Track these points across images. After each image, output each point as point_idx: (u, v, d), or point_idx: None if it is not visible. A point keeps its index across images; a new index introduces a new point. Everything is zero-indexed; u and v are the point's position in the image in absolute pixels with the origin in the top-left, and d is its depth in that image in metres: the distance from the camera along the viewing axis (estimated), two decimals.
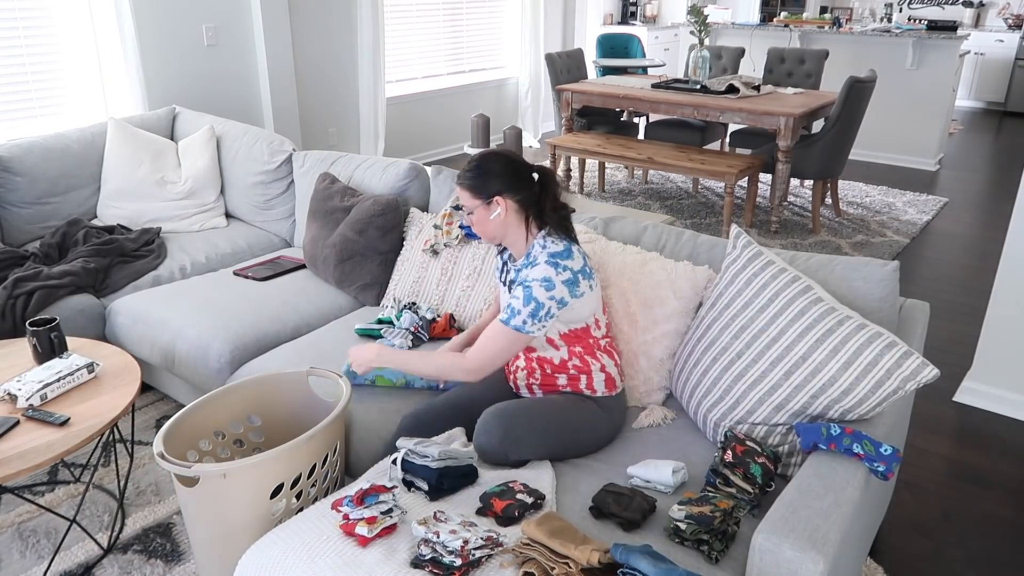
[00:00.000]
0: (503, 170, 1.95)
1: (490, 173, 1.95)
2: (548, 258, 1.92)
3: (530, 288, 1.89)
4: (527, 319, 1.89)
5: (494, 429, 1.89)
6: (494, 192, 1.95)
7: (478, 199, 1.95)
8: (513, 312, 1.90)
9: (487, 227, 1.99)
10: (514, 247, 2.03)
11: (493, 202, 1.95)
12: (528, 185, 1.97)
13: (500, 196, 1.94)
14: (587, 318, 2.00)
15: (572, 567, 1.45)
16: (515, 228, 1.99)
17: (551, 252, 1.93)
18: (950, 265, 4.62)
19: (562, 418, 1.96)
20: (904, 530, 2.43)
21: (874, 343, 1.78)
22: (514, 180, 1.96)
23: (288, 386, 2.21)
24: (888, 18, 8.04)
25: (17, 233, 3.31)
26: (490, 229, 1.99)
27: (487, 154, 1.98)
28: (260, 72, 5.04)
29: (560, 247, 1.94)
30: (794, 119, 4.70)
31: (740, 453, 1.79)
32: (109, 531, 2.36)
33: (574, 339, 2.01)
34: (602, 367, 2.04)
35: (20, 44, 3.95)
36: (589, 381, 2.04)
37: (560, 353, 2.02)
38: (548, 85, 7.76)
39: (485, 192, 1.95)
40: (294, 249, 3.48)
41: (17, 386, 2.12)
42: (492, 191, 1.95)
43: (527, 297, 1.89)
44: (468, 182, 1.96)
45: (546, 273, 1.89)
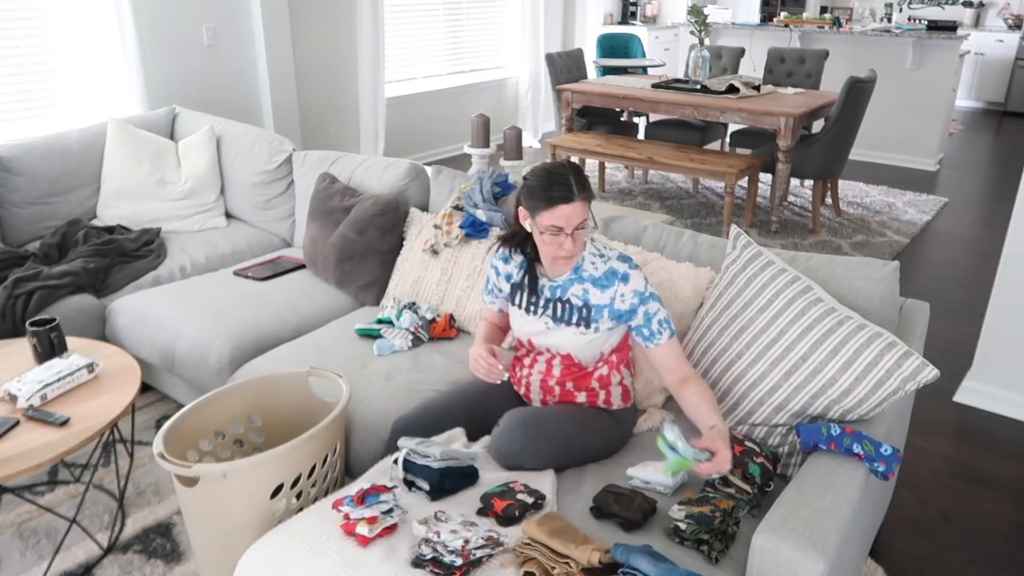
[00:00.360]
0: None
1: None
2: (626, 264, 1.91)
3: (654, 295, 1.90)
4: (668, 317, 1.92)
5: (518, 436, 1.86)
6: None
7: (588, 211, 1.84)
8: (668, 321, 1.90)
9: (582, 239, 1.87)
10: (569, 262, 1.89)
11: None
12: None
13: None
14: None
15: (573, 567, 1.45)
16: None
17: (619, 257, 1.93)
18: (950, 265, 4.62)
19: (581, 432, 1.94)
20: (904, 530, 2.43)
21: (874, 343, 1.78)
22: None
23: (288, 386, 2.21)
24: (888, 18, 8.04)
25: (17, 233, 3.31)
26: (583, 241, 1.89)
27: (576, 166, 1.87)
28: (260, 72, 5.04)
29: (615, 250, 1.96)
30: (794, 119, 4.70)
31: (739, 453, 1.79)
32: (109, 531, 2.36)
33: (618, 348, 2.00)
34: (621, 380, 2.04)
35: (20, 44, 3.95)
36: (608, 396, 2.02)
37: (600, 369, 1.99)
38: (548, 85, 7.76)
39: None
40: (294, 249, 3.48)
41: (17, 386, 2.12)
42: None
43: (658, 300, 1.90)
44: (588, 192, 1.82)
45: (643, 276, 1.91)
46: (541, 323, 1.97)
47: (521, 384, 2.10)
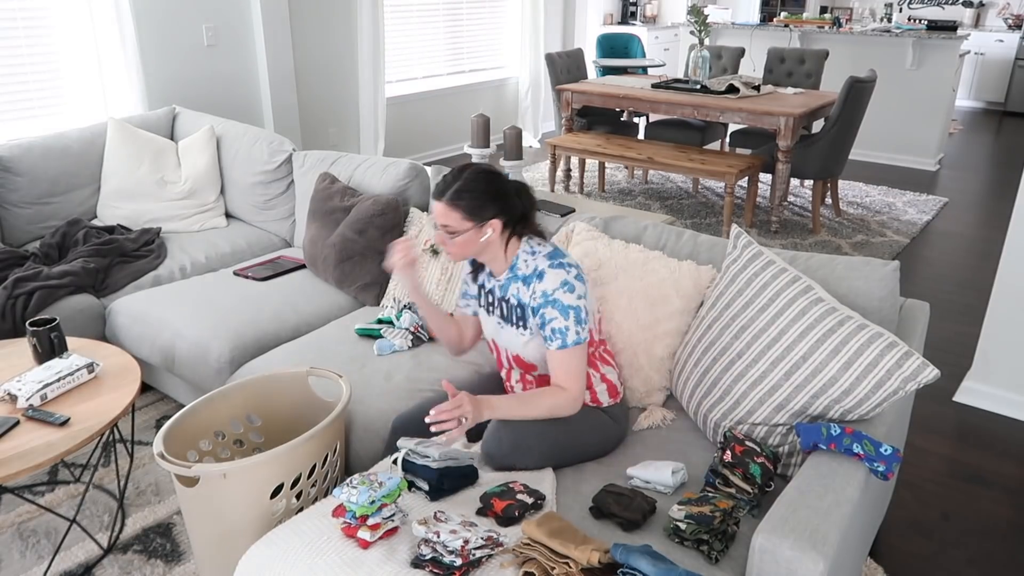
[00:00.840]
0: (498, 191, 1.86)
1: (486, 196, 1.84)
2: (550, 261, 1.88)
3: (558, 300, 1.84)
4: (577, 329, 1.84)
5: (505, 437, 1.86)
6: (490, 215, 1.85)
7: (471, 221, 1.84)
8: (563, 332, 1.84)
9: (469, 248, 1.88)
10: (493, 263, 1.95)
11: (485, 225, 1.86)
12: (514, 203, 1.90)
13: (495, 219, 1.86)
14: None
15: (572, 567, 1.45)
16: (496, 246, 1.91)
17: (546, 254, 1.89)
18: (950, 265, 4.62)
19: (571, 428, 1.93)
20: (904, 530, 2.43)
21: (875, 343, 1.78)
22: (507, 201, 1.88)
23: (288, 386, 2.21)
24: (888, 18, 8.04)
25: (17, 233, 3.31)
26: (471, 250, 1.89)
27: (479, 172, 1.86)
28: (260, 72, 5.04)
29: (549, 248, 1.92)
30: (794, 119, 4.70)
31: (739, 453, 1.79)
32: (109, 531, 2.36)
33: None
34: (602, 376, 2.03)
35: (20, 44, 3.95)
36: (593, 395, 2.02)
37: None
38: (548, 85, 7.76)
39: (480, 215, 1.84)
40: (294, 249, 3.48)
41: (17, 386, 2.12)
42: (488, 214, 1.85)
43: (563, 310, 1.83)
44: (463, 203, 1.83)
45: (561, 277, 1.85)
46: (494, 322, 2.02)
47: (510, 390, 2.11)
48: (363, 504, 1.58)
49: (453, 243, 1.87)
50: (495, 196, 1.86)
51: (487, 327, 2.06)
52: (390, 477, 1.66)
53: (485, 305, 2.04)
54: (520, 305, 1.92)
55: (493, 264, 1.95)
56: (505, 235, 1.91)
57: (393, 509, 1.63)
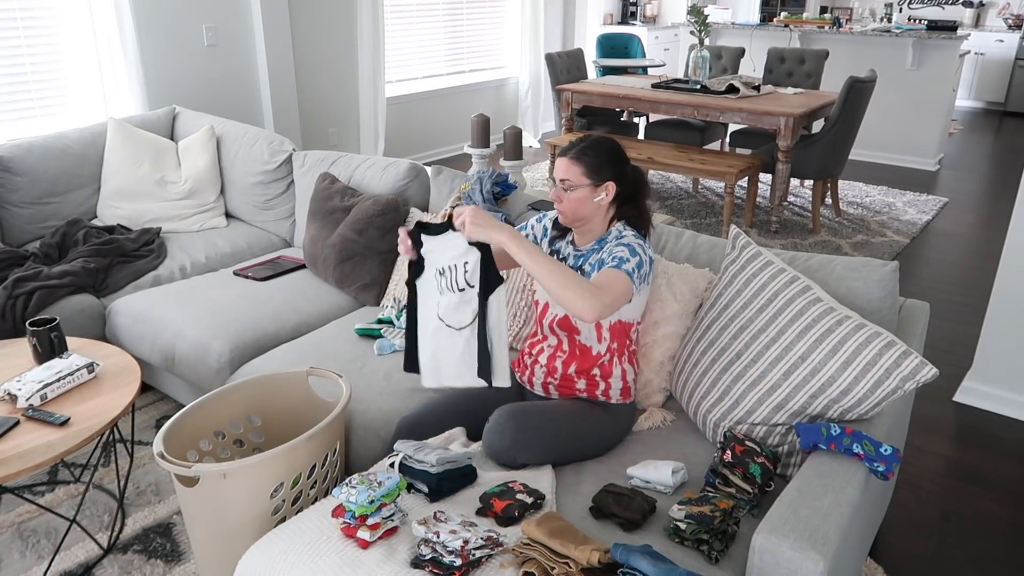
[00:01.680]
0: (618, 158, 1.98)
1: (608, 157, 1.96)
2: (635, 237, 1.95)
3: (631, 245, 1.91)
4: (634, 268, 1.88)
5: (507, 430, 1.87)
6: (607, 177, 1.96)
7: (589, 179, 1.94)
8: (623, 259, 1.88)
9: (583, 207, 1.96)
10: (589, 233, 2.03)
11: (603, 186, 1.96)
12: (629, 179, 2.00)
13: (611, 182, 1.96)
14: (635, 315, 2.03)
15: (572, 567, 1.45)
16: (602, 215, 2.00)
17: (635, 235, 1.97)
18: (950, 265, 4.62)
19: (572, 424, 1.94)
20: (904, 530, 2.43)
21: (873, 343, 1.78)
22: (624, 171, 1.99)
23: (288, 386, 2.21)
24: (888, 18, 8.04)
25: (17, 233, 3.31)
26: (584, 210, 1.96)
27: (604, 138, 1.99)
28: (260, 72, 5.04)
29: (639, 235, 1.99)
30: (794, 119, 4.70)
31: (739, 453, 1.79)
32: (109, 531, 2.36)
33: (617, 334, 2.02)
34: (623, 373, 2.05)
35: (20, 44, 3.95)
36: (607, 389, 2.04)
37: (600, 347, 2.02)
38: (548, 85, 7.76)
39: (599, 174, 1.95)
40: (294, 249, 3.48)
41: (17, 386, 2.12)
42: (606, 175, 1.95)
43: (632, 250, 1.90)
44: (587, 159, 1.94)
45: (640, 241, 1.95)
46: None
47: (526, 371, 2.11)
48: (362, 504, 1.58)
49: (569, 198, 1.96)
50: (615, 160, 1.97)
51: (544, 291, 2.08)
52: (389, 477, 1.66)
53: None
54: (594, 267, 1.96)
55: (587, 233, 2.03)
56: (612, 208, 2.01)
57: (392, 509, 1.63)
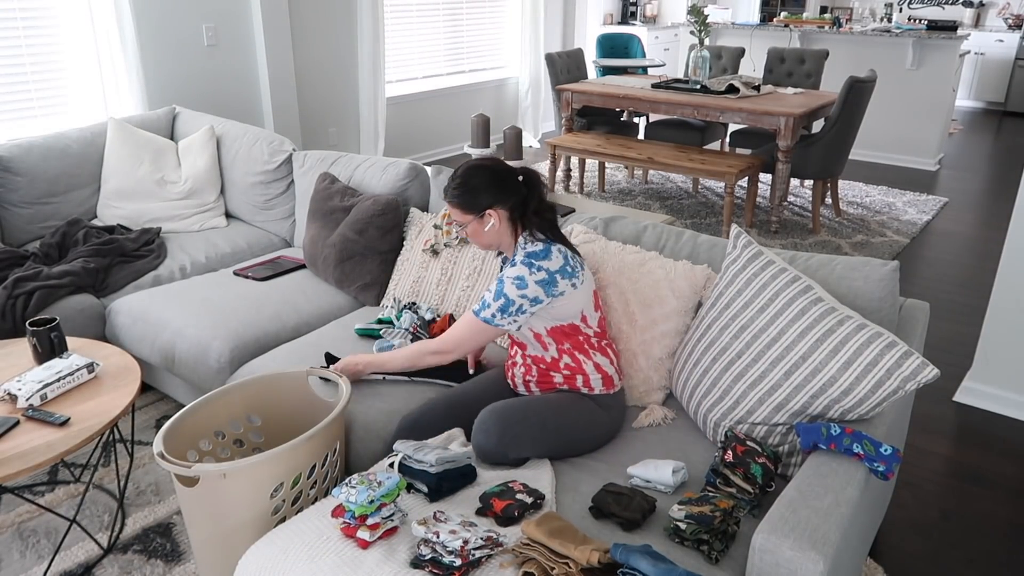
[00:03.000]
0: (490, 182, 1.98)
1: (478, 188, 1.98)
2: (524, 258, 1.97)
3: (502, 284, 1.96)
4: (496, 312, 1.96)
5: (492, 428, 1.90)
6: (484, 206, 1.98)
7: (470, 214, 2.00)
8: (484, 304, 1.98)
9: (483, 238, 2.04)
10: (508, 250, 2.09)
11: (485, 215, 1.99)
12: (516, 191, 2.01)
13: (491, 208, 1.99)
14: (573, 316, 2.01)
15: (572, 567, 1.45)
16: (508, 233, 2.04)
17: (527, 252, 1.98)
18: (950, 265, 4.62)
19: (559, 415, 1.97)
20: (904, 530, 2.43)
21: (874, 343, 1.78)
22: (502, 189, 1.99)
23: (288, 386, 2.21)
24: (888, 18, 8.04)
25: (17, 233, 3.31)
26: (486, 240, 2.04)
27: (471, 168, 2.00)
28: (260, 72, 5.04)
29: (538, 247, 1.97)
30: (794, 119, 4.70)
31: (741, 453, 1.79)
32: (109, 531, 2.36)
33: (562, 336, 2.03)
34: (596, 366, 2.05)
35: (20, 44, 3.95)
36: (585, 380, 2.05)
37: (550, 352, 2.05)
38: (548, 85, 7.76)
39: (476, 207, 1.99)
40: (294, 249, 3.48)
41: (17, 386, 2.12)
42: (483, 205, 1.98)
43: (498, 292, 1.96)
44: (457, 200, 2.00)
45: (519, 272, 1.95)
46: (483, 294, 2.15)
47: (508, 371, 2.18)
48: (362, 504, 1.58)
49: (468, 234, 2.04)
50: (487, 186, 1.98)
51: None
52: (389, 477, 1.66)
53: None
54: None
55: (507, 251, 2.09)
56: (513, 223, 2.03)
57: (392, 509, 1.63)
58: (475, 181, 1.98)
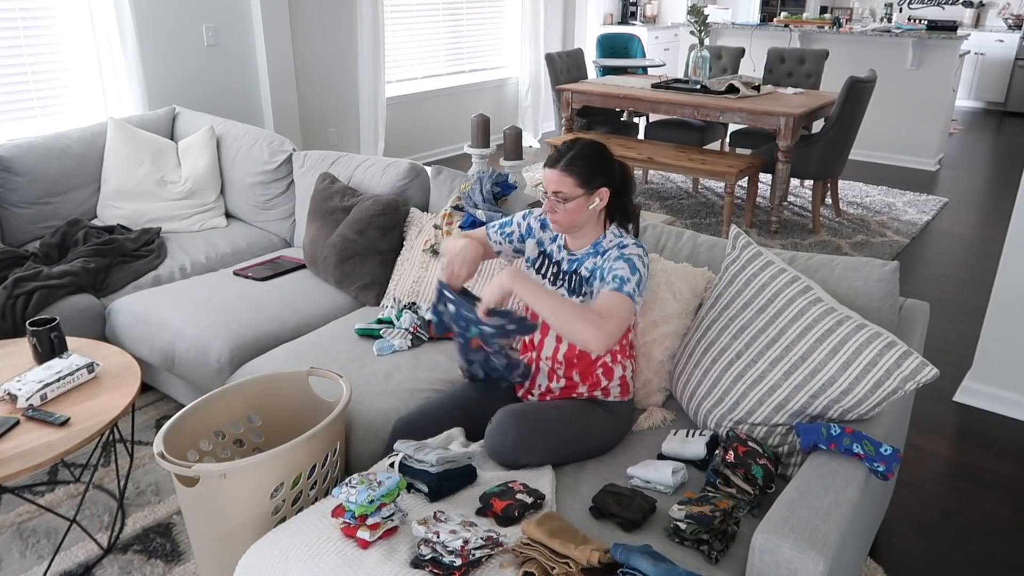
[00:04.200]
0: (607, 161, 1.95)
1: (598, 162, 1.92)
2: (635, 244, 1.95)
3: (632, 259, 1.89)
4: (635, 288, 1.87)
5: (509, 432, 1.87)
6: (600, 183, 1.93)
7: (583, 188, 1.91)
8: (624, 280, 1.86)
9: (578, 216, 1.93)
10: (582, 237, 2.01)
11: (596, 192, 1.93)
12: (618, 180, 1.98)
13: (604, 188, 1.93)
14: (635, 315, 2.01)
15: (572, 567, 1.45)
16: (595, 219, 1.99)
17: (635, 242, 1.96)
18: (950, 265, 4.62)
19: (574, 425, 1.95)
20: (904, 530, 2.43)
21: (873, 343, 1.78)
22: (612, 173, 1.96)
23: (288, 386, 2.21)
24: (888, 18, 8.04)
25: (17, 233, 3.31)
26: (580, 219, 1.94)
27: (591, 142, 1.95)
28: (260, 72, 5.04)
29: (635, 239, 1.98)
30: (794, 119, 4.70)
31: (742, 454, 1.79)
32: (109, 531, 2.36)
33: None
34: (623, 371, 2.06)
35: (20, 44, 3.95)
36: (605, 389, 2.04)
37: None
38: (548, 85, 7.75)
39: (592, 182, 1.91)
40: (294, 249, 3.48)
41: (17, 386, 2.12)
42: (599, 181, 1.92)
43: (632, 267, 1.88)
44: (578, 168, 1.90)
45: (638, 252, 1.92)
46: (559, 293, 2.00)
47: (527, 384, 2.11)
48: (362, 503, 1.58)
49: (564, 210, 1.92)
50: (604, 165, 1.94)
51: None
52: (389, 477, 1.66)
53: (546, 274, 2.07)
54: (591, 274, 1.97)
55: (580, 238, 2.01)
56: (604, 210, 1.98)
57: (392, 509, 1.63)
58: (596, 155, 1.93)
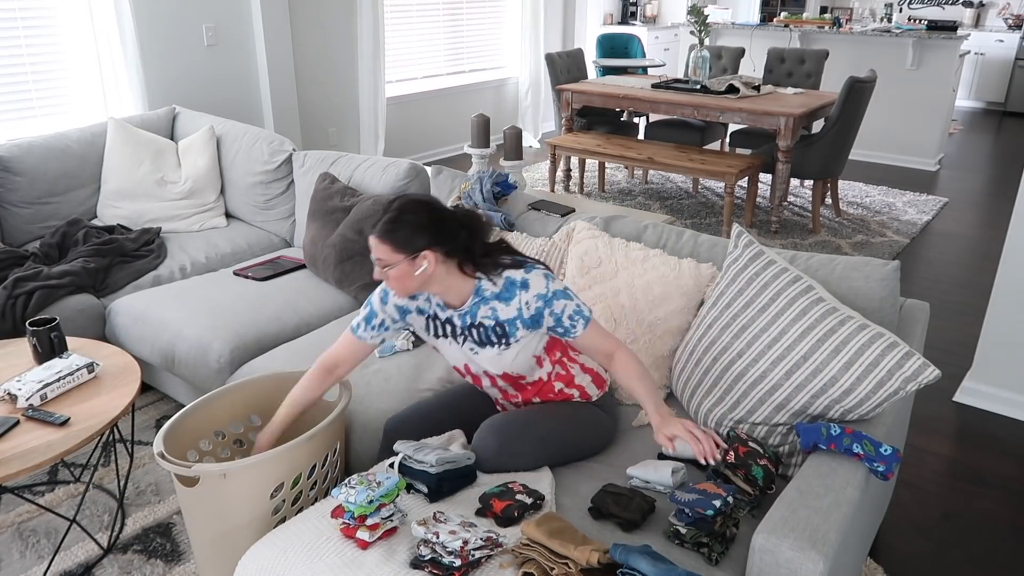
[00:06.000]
0: (430, 221, 1.77)
1: (415, 226, 1.75)
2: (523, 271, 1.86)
3: (555, 292, 1.82)
4: (581, 303, 1.86)
5: (490, 444, 1.87)
6: (422, 246, 1.76)
7: (400, 254, 1.75)
8: (578, 311, 1.84)
9: (408, 283, 1.79)
10: (448, 294, 1.88)
11: (420, 257, 1.77)
12: (455, 233, 1.81)
13: (428, 250, 1.77)
14: None
15: (572, 567, 1.45)
16: (445, 277, 1.84)
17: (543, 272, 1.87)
18: (950, 265, 4.62)
19: (560, 425, 1.93)
20: (904, 530, 2.43)
21: (875, 343, 1.78)
22: (440, 230, 1.78)
23: (289, 386, 2.21)
24: (888, 18, 8.04)
25: (17, 233, 3.31)
26: (411, 284, 1.80)
27: (408, 204, 1.79)
28: (260, 72, 5.04)
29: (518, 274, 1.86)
30: (794, 119, 4.70)
31: (742, 454, 1.79)
32: (109, 531, 2.36)
33: (551, 348, 1.97)
34: (582, 366, 2.03)
35: (20, 44, 3.95)
36: (580, 390, 2.02)
37: (544, 369, 1.97)
38: (548, 85, 7.76)
39: (411, 245, 1.75)
40: (294, 249, 3.48)
41: (17, 386, 2.12)
42: (420, 244, 1.76)
43: (564, 296, 1.83)
44: (389, 236, 1.75)
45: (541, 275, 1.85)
46: (465, 349, 1.95)
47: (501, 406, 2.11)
48: (361, 504, 1.58)
49: (389, 277, 1.79)
50: (426, 227, 1.77)
51: (452, 355, 1.99)
52: (388, 477, 1.66)
53: (444, 334, 1.96)
54: (500, 323, 1.87)
55: (448, 295, 1.88)
56: (454, 265, 1.84)
57: (392, 509, 1.63)
58: (412, 219, 1.76)
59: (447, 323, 1.94)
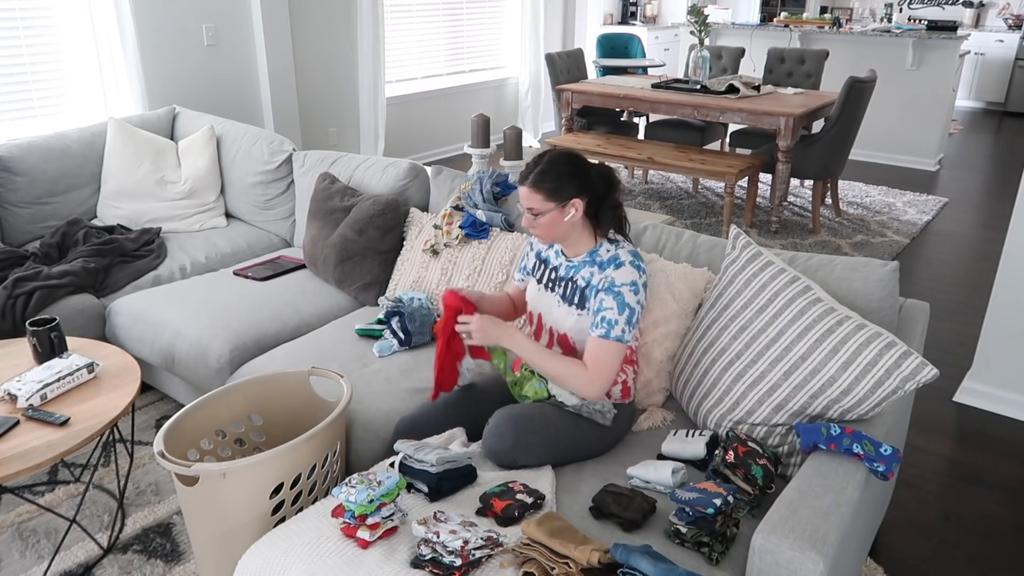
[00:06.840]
0: (578, 170, 1.92)
1: (567, 173, 1.90)
2: (632, 259, 1.93)
3: (621, 294, 1.89)
4: (625, 327, 1.90)
5: (507, 433, 1.87)
6: (571, 194, 1.90)
7: (553, 202, 1.90)
8: (611, 323, 1.89)
9: (557, 230, 1.93)
10: (574, 246, 2.00)
11: (568, 205, 1.91)
12: (595, 186, 1.95)
13: (577, 198, 1.91)
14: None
15: (572, 567, 1.45)
16: (580, 228, 1.97)
17: (630, 250, 1.95)
18: (950, 265, 4.62)
19: (573, 426, 1.94)
20: (904, 530, 2.43)
21: (873, 343, 1.78)
22: (585, 181, 1.93)
23: (289, 386, 2.21)
24: (888, 18, 8.04)
25: (17, 233, 3.31)
26: (559, 232, 1.94)
27: (559, 155, 1.93)
28: (260, 72, 5.04)
29: (631, 247, 1.97)
30: (794, 119, 4.70)
31: (742, 454, 1.79)
32: (109, 531, 2.36)
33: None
34: (625, 378, 2.06)
35: (20, 44, 3.95)
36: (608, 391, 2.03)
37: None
38: (548, 85, 7.76)
39: (562, 194, 1.90)
40: (294, 249, 3.48)
41: (17, 386, 2.12)
42: (569, 193, 1.90)
43: (621, 305, 1.89)
44: (546, 183, 1.89)
45: (633, 277, 1.91)
46: (553, 299, 2.04)
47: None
48: (361, 503, 1.58)
49: (539, 224, 1.93)
50: (575, 176, 1.91)
51: (537, 300, 2.09)
52: (389, 476, 1.66)
53: (543, 279, 2.09)
54: (587, 286, 1.96)
55: (573, 247, 2.00)
56: (589, 219, 1.96)
57: (392, 508, 1.63)
58: (563, 166, 1.90)
59: (552, 269, 2.06)
